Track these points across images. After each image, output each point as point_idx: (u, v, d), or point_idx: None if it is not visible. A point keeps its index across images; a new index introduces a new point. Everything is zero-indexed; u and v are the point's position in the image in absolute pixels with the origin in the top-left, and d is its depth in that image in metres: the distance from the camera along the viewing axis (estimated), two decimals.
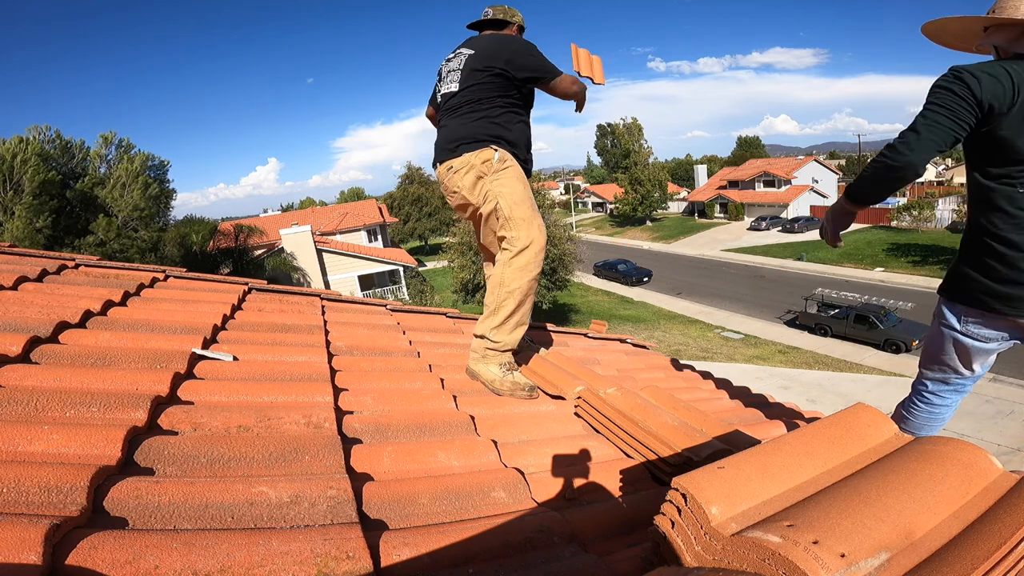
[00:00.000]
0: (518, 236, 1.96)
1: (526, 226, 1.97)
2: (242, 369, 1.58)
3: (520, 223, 1.97)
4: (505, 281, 1.98)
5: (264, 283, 2.69)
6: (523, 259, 1.96)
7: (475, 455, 1.41)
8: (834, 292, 20.46)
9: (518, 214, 1.97)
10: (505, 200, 1.97)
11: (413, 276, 26.29)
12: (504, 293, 1.98)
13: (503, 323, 2.00)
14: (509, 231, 1.98)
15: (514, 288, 1.97)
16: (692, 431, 1.58)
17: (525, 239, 1.96)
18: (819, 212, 39.51)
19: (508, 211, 1.97)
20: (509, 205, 1.97)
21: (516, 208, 1.97)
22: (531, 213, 1.99)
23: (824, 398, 13.25)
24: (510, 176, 2.01)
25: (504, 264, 2.00)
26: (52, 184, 16.83)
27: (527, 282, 1.98)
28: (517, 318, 2.02)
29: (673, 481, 0.85)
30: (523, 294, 1.98)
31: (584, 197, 65.46)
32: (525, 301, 2.01)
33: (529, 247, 1.96)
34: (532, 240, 1.96)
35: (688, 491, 0.81)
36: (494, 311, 2.01)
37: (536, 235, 1.98)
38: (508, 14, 2.27)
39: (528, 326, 2.15)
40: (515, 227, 1.97)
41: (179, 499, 0.92)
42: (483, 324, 2.04)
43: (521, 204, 1.98)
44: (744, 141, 73.96)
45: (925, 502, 0.77)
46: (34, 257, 2.26)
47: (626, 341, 3.72)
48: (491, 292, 2.05)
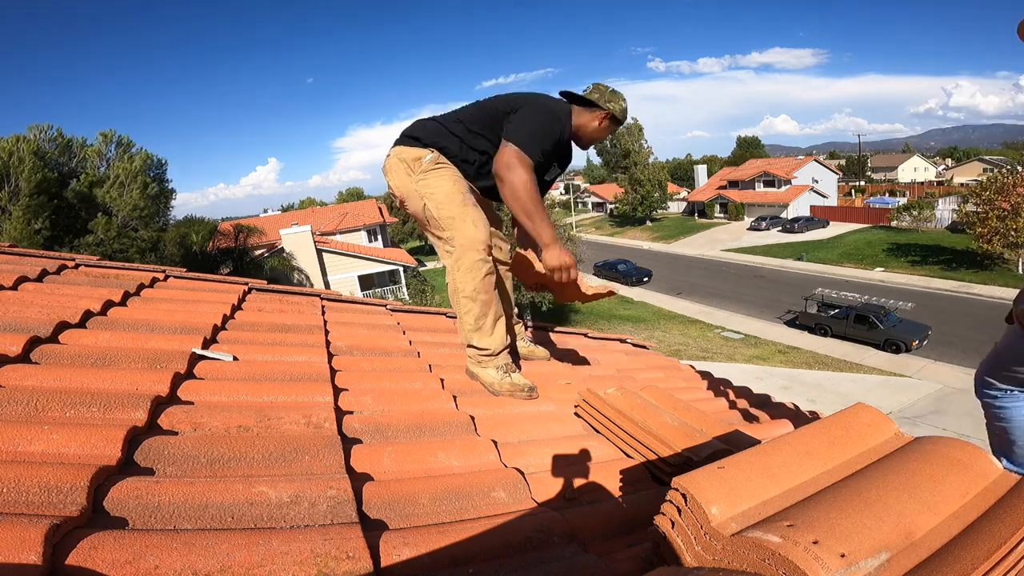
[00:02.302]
0: (453, 235, 1.86)
1: (458, 224, 1.84)
2: (242, 369, 1.58)
3: (450, 222, 1.85)
4: (458, 287, 1.89)
5: (264, 283, 2.69)
6: (466, 260, 1.86)
7: (475, 455, 1.41)
8: (834, 292, 20.47)
9: (446, 213, 1.86)
10: (431, 200, 1.87)
11: (413, 276, 26.27)
12: (463, 300, 1.90)
13: (479, 327, 1.93)
14: (443, 231, 1.89)
15: (470, 291, 1.88)
16: (692, 431, 1.58)
17: (460, 237, 1.84)
18: (819, 212, 39.54)
19: (436, 211, 1.87)
20: (435, 205, 1.87)
21: (443, 208, 1.86)
22: (461, 210, 1.86)
23: (824, 398, 13.25)
24: (437, 176, 1.90)
25: (452, 270, 1.90)
26: (50, 183, 16.80)
27: (480, 281, 1.87)
28: (491, 317, 1.93)
29: (673, 481, 0.85)
30: (484, 294, 1.89)
31: (584, 197, 65.44)
32: (490, 300, 1.92)
33: (467, 246, 1.84)
34: (467, 238, 1.84)
35: (688, 491, 0.81)
36: (461, 319, 1.95)
37: (471, 231, 1.84)
38: (604, 97, 1.98)
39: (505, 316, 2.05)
40: (447, 227, 1.87)
41: (179, 499, 0.92)
42: (462, 334, 1.98)
43: (448, 203, 1.86)
44: (744, 141, 73.98)
45: (925, 502, 0.77)
46: (34, 257, 2.26)
47: (626, 341, 3.72)
48: (452, 300, 1.96)
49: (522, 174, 1.74)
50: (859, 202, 44.31)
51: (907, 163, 66.86)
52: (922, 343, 16.54)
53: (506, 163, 1.75)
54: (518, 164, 1.74)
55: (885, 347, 16.88)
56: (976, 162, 58.42)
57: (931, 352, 16.35)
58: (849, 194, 49.08)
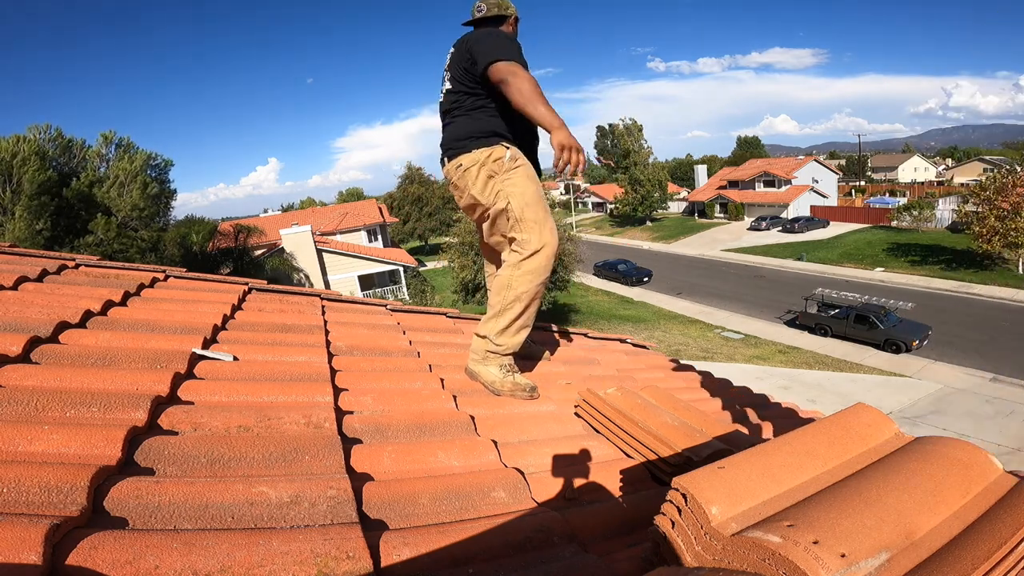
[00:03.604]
0: (529, 239, 1.90)
1: (538, 229, 1.90)
2: (242, 369, 1.58)
3: (532, 225, 1.90)
4: (513, 284, 1.93)
5: (264, 283, 2.69)
6: (533, 263, 1.90)
7: (475, 455, 1.41)
8: (834, 292, 20.45)
9: (530, 215, 1.90)
10: (516, 200, 1.91)
11: (413, 276, 26.28)
12: (511, 296, 1.93)
13: (507, 327, 1.96)
14: (520, 233, 1.92)
15: (521, 292, 1.92)
16: (692, 431, 1.58)
17: (537, 242, 1.89)
18: (819, 212, 39.54)
19: (520, 212, 1.91)
20: (520, 206, 1.91)
21: (528, 209, 1.91)
22: (543, 215, 1.92)
23: (824, 398, 13.24)
24: (522, 175, 1.95)
25: (513, 266, 1.94)
26: (51, 183, 16.79)
27: (535, 286, 1.92)
28: (521, 322, 1.97)
29: (673, 481, 0.85)
30: (530, 298, 1.94)
31: (584, 197, 65.44)
32: (531, 305, 1.96)
33: (540, 251, 1.90)
34: (544, 244, 1.90)
35: (688, 491, 0.81)
36: (499, 313, 1.97)
37: (548, 239, 1.91)
38: (501, 7, 2.09)
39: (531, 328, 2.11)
40: (526, 229, 1.91)
41: (179, 499, 0.92)
42: (486, 325, 2.01)
43: (533, 205, 1.92)
44: (744, 141, 73.97)
45: (925, 502, 0.77)
46: (34, 257, 2.26)
47: (626, 341, 3.72)
48: (496, 293, 1.99)
49: (523, 73, 1.82)
50: (859, 202, 44.32)
51: (907, 163, 66.89)
52: (922, 343, 16.54)
53: (507, 71, 1.81)
54: (518, 68, 1.82)
55: (885, 347, 16.88)
56: (976, 162, 58.45)
57: (931, 352, 16.35)
58: (849, 194, 49.09)
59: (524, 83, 1.79)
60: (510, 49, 1.85)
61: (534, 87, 1.79)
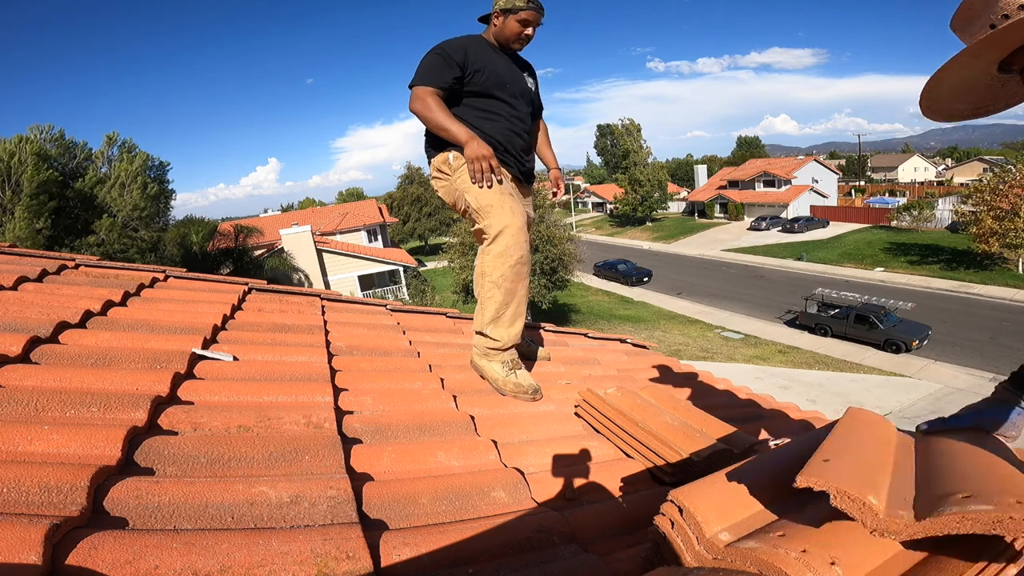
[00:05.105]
0: (490, 224, 1.91)
1: (496, 212, 1.90)
2: (242, 369, 1.58)
3: (489, 210, 1.91)
4: (486, 271, 1.94)
5: (264, 283, 2.69)
6: (499, 246, 1.90)
7: (475, 455, 1.41)
8: (834, 292, 20.45)
9: (485, 202, 1.91)
10: (472, 193, 1.94)
11: (413, 276, 26.28)
12: (488, 284, 1.94)
13: (496, 317, 1.96)
14: (482, 220, 1.94)
15: (497, 277, 1.91)
16: (692, 431, 1.58)
17: (498, 224, 1.89)
18: (819, 212, 39.54)
19: (476, 203, 1.93)
20: (476, 196, 1.93)
21: (483, 197, 1.92)
22: (500, 199, 1.91)
23: (824, 398, 13.25)
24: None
25: (482, 254, 1.96)
26: (52, 184, 16.80)
27: (508, 268, 1.90)
28: (510, 311, 1.96)
29: (670, 494, 0.85)
30: (510, 282, 1.92)
31: (584, 197, 65.47)
32: (515, 290, 1.95)
33: (503, 232, 1.89)
34: (505, 225, 1.88)
35: (684, 505, 0.82)
36: (482, 304, 1.98)
37: (508, 219, 1.89)
38: (496, 4, 2.02)
39: (525, 319, 2.10)
40: (485, 215, 1.92)
41: (179, 499, 0.92)
42: (478, 320, 2.01)
43: (488, 193, 1.92)
44: (744, 141, 74.00)
45: None
46: (34, 257, 2.26)
47: (626, 341, 3.72)
48: (477, 285, 2.02)
49: (424, 98, 1.92)
50: (859, 202, 44.31)
51: (907, 163, 66.87)
52: (922, 343, 16.54)
53: (413, 98, 1.94)
54: (420, 93, 1.93)
55: (885, 347, 16.88)
56: (976, 162, 58.45)
57: (931, 352, 16.35)
58: (849, 194, 49.08)
59: (426, 109, 1.91)
60: (421, 73, 1.94)
61: (436, 109, 1.91)
